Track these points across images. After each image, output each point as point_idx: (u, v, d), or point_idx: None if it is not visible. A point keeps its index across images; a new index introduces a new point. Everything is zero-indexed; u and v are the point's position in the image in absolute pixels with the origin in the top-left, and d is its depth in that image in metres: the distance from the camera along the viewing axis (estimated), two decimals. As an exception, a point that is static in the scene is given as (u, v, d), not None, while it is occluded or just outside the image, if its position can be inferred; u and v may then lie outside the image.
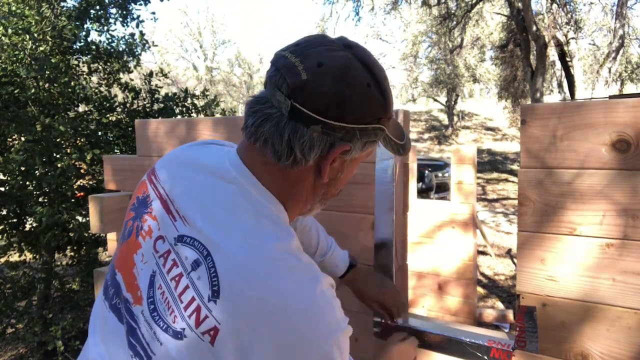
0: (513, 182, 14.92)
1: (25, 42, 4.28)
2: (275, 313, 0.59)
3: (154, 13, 5.99)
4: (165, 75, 5.50)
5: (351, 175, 0.77)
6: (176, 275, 0.64)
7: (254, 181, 0.69)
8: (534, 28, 9.85)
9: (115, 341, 0.70)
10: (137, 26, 5.60)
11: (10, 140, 4.77)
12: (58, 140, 4.48)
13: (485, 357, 1.11)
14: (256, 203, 0.68)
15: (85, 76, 5.40)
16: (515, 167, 17.62)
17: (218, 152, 0.76)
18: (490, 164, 18.28)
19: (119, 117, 5.31)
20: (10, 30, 4.22)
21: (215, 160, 0.73)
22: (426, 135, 24.10)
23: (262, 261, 0.62)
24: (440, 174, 10.99)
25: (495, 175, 16.48)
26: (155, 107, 5.34)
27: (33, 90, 4.48)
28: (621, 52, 10.21)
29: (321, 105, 0.63)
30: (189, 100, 5.45)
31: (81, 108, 5.52)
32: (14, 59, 4.42)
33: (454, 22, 14.18)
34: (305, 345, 0.59)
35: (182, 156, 0.79)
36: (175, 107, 5.33)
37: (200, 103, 5.71)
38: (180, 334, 0.61)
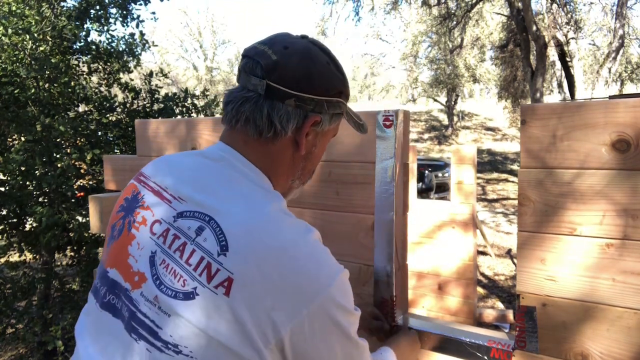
0: (513, 182, 14.92)
1: (25, 42, 4.28)
2: (282, 257, 0.63)
3: (154, 13, 6.00)
4: (165, 75, 5.50)
5: (324, 151, 0.86)
6: (180, 246, 0.66)
7: (240, 157, 0.75)
8: (534, 28, 9.84)
9: (109, 338, 0.69)
10: (137, 26, 5.60)
11: (10, 140, 4.77)
12: (58, 140, 4.49)
13: (485, 357, 1.11)
14: (246, 174, 0.74)
15: (85, 76, 5.41)
16: (515, 167, 17.62)
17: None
18: (490, 164, 18.28)
19: (119, 117, 5.31)
20: (10, 30, 4.22)
21: (201, 150, 0.81)
22: (426, 135, 24.10)
23: (262, 217, 0.67)
24: (440, 174, 10.99)
25: (495, 175, 16.48)
26: (155, 107, 5.34)
27: (33, 90, 4.49)
28: (621, 52, 10.20)
29: (292, 80, 0.72)
30: (189, 100, 5.46)
31: (81, 108, 5.52)
32: (14, 59, 4.42)
33: (454, 22, 14.18)
34: (314, 284, 0.64)
35: (170, 155, 0.85)
36: (175, 107, 5.34)
37: (200, 103, 5.72)
38: (191, 293, 0.62)
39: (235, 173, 0.73)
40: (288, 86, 0.72)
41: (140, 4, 5.63)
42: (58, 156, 4.19)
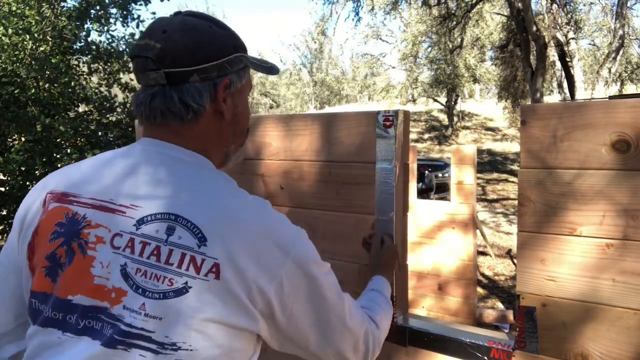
0: (513, 182, 14.92)
1: (25, 42, 4.28)
2: (253, 228, 0.69)
3: (154, 13, 6.00)
4: (165, 76, 5.49)
5: (247, 109, 0.87)
6: (153, 250, 0.66)
7: (172, 146, 0.75)
8: (534, 28, 9.85)
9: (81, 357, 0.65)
10: (138, 26, 5.61)
11: (11, 140, 4.77)
12: (58, 140, 4.49)
13: (485, 358, 1.11)
14: (188, 162, 0.75)
15: (85, 76, 5.41)
16: (515, 167, 17.61)
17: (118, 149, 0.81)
18: (490, 164, 18.28)
19: (119, 117, 5.32)
20: (10, 30, 4.23)
21: (121, 150, 0.79)
22: (426, 136, 24.10)
23: (225, 198, 0.71)
24: (440, 174, 10.98)
25: (495, 175, 16.48)
26: (156, 107, 5.33)
27: (33, 91, 4.49)
28: (621, 52, 10.21)
29: (184, 58, 0.73)
30: (189, 101, 5.45)
31: (81, 108, 5.52)
32: (14, 59, 4.42)
33: (454, 22, 14.18)
34: (284, 245, 0.70)
35: (80, 164, 0.80)
36: (175, 107, 5.33)
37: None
38: (184, 288, 0.64)
39: (178, 164, 0.74)
40: (184, 65, 0.73)
41: (141, 4, 5.63)
42: (58, 156, 4.19)
